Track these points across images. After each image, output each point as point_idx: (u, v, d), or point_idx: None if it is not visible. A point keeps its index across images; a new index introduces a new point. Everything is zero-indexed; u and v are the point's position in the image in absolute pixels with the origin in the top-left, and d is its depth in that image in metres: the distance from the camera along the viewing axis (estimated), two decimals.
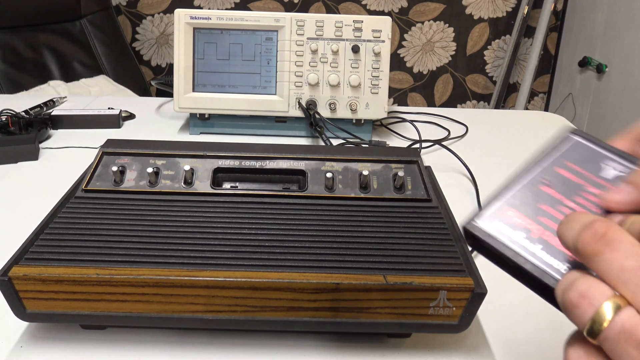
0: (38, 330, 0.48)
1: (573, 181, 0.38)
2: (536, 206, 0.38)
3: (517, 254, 0.35)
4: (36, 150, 0.82)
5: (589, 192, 0.37)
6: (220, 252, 0.46)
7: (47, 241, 0.46)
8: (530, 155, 0.39)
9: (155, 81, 1.05)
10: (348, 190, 0.55)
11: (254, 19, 0.86)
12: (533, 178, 0.40)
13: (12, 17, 1.64)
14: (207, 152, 0.57)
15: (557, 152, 0.40)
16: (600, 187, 0.37)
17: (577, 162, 0.39)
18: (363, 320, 0.44)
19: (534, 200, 0.38)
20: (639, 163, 0.36)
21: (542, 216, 0.37)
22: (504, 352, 0.48)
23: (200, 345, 0.47)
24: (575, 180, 0.38)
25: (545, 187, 0.39)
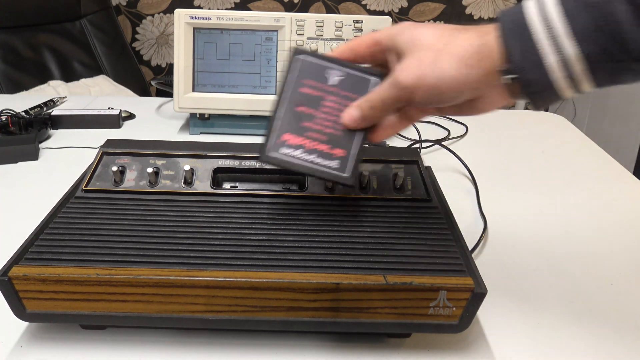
0: (38, 330, 0.48)
1: (314, 95, 0.48)
2: (299, 125, 0.48)
3: (305, 167, 0.46)
4: (36, 150, 0.82)
5: (329, 100, 0.47)
6: (220, 252, 0.46)
7: (47, 241, 0.46)
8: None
9: (155, 81, 1.05)
10: (348, 190, 0.55)
11: (254, 19, 0.86)
12: (288, 103, 0.48)
13: (12, 17, 1.64)
14: (207, 152, 0.57)
15: (294, 74, 0.48)
16: (333, 94, 0.48)
17: (310, 78, 0.48)
18: (363, 320, 0.44)
19: (296, 121, 0.48)
20: (351, 65, 0.48)
21: (307, 131, 0.47)
22: (504, 352, 0.48)
23: (200, 345, 0.47)
24: (316, 94, 0.48)
25: (299, 107, 0.48)
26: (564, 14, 0.37)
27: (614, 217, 0.70)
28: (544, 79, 0.38)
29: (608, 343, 0.49)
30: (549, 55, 0.37)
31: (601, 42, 0.36)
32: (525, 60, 0.38)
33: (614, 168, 0.85)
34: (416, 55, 0.41)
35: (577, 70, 0.37)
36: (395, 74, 0.42)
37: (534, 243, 0.64)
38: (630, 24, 0.35)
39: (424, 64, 0.41)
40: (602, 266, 0.60)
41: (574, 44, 0.36)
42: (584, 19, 0.36)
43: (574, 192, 0.77)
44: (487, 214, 0.69)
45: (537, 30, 0.38)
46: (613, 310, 0.53)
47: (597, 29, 0.36)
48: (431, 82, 0.40)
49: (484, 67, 0.39)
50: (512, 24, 0.39)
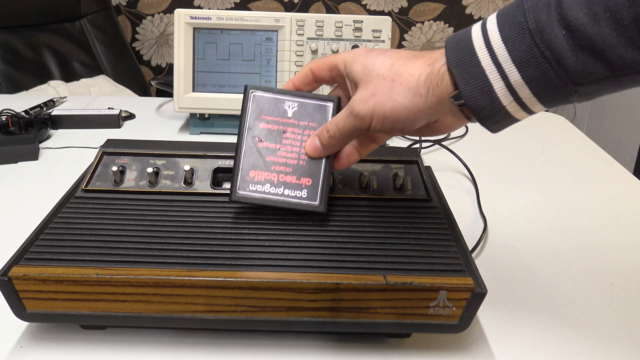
0: (38, 330, 0.48)
1: (274, 129, 0.49)
2: (264, 161, 0.49)
3: (275, 200, 0.49)
4: (36, 150, 0.82)
5: (289, 132, 0.49)
6: (220, 252, 0.46)
7: (47, 241, 0.46)
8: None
9: (155, 81, 1.05)
10: (348, 190, 0.55)
11: (254, 19, 0.86)
12: (250, 141, 0.49)
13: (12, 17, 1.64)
14: (207, 152, 0.57)
15: (252, 111, 0.50)
16: (292, 125, 0.49)
17: (268, 113, 0.49)
18: (363, 320, 0.44)
19: (261, 157, 0.49)
20: (304, 94, 0.49)
21: (272, 165, 0.48)
22: (504, 352, 0.48)
23: (200, 345, 0.47)
24: (275, 128, 0.49)
25: (261, 144, 0.49)
26: (504, 40, 0.37)
27: (613, 217, 0.70)
28: (494, 104, 0.39)
29: (608, 343, 0.49)
30: (495, 82, 0.38)
31: (541, 68, 0.36)
32: (473, 88, 0.39)
33: (614, 168, 0.85)
34: (371, 86, 0.42)
35: (525, 95, 0.38)
36: (352, 104, 0.43)
37: (534, 243, 0.64)
38: (567, 50, 0.35)
39: (378, 95, 0.41)
40: (602, 266, 0.60)
41: (516, 70, 0.37)
42: (523, 45, 0.36)
43: (574, 192, 0.77)
44: (487, 214, 0.69)
45: (481, 57, 0.38)
46: (613, 310, 0.53)
47: (536, 55, 0.36)
48: (386, 113, 0.41)
49: (435, 95, 0.40)
50: (458, 50, 0.39)
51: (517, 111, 0.39)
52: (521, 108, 0.39)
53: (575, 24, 0.34)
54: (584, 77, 0.35)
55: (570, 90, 0.37)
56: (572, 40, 0.34)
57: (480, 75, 0.38)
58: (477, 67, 0.38)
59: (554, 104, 0.39)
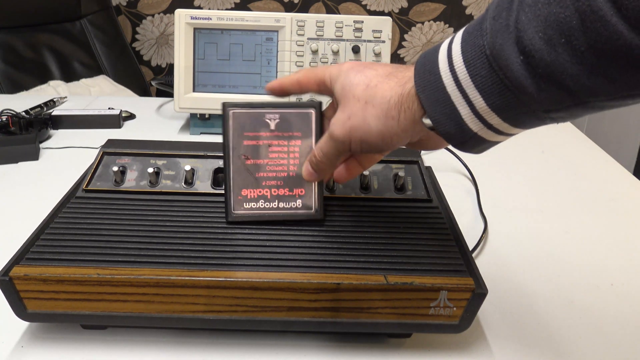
0: (39, 330, 0.48)
1: (259, 145, 0.49)
2: (254, 177, 0.49)
3: (272, 215, 0.49)
4: (36, 150, 0.82)
5: (274, 145, 0.49)
6: (221, 252, 0.46)
7: (47, 241, 0.46)
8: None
9: (155, 81, 1.05)
10: (348, 190, 0.55)
11: (254, 19, 0.86)
12: (236, 160, 0.49)
13: (12, 17, 1.64)
14: (207, 152, 0.57)
15: (233, 129, 0.49)
16: (277, 138, 0.49)
17: (250, 129, 0.48)
18: (363, 320, 0.44)
19: (250, 174, 0.49)
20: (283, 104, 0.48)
21: (263, 180, 0.48)
22: (504, 352, 0.48)
23: (200, 345, 0.47)
24: (260, 143, 0.49)
25: (248, 161, 0.49)
26: (466, 64, 0.34)
27: (614, 217, 0.70)
28: (463, 131, 0.36)
29: (608, 343, 0.49)
30: (461, 108, 0.35)
31: (504, 96, 0.33)
32: (440, 114, 0.36)
33: (614, 168, 0.86)
34: (347, 109, 0.41)
35: (494, 121, 0.35)
36: (331, 127, 0.43)
37: (534, 243, 0.64)
38: (526, 78, 0.32)
39: (353, 119, 0.41)
40: (602, 266, 0.60)
41: (480, 97, 0.34)
42: (483, 71, 0.34)
43: (574, 192, 0.77)
44: (487, 214, 0.69)
45: (446, 81, 0.36)
46: (613, 310, 0.53)
47: (497, 83, 0.33)
48: (362, 137, 0.41)
49: (407, 118, 0.38)
50: (426, 73, 0.37)
51: (492, 136, 0.37)
52: (495, 133, 0.36)
53: (531, 49, 0.31)
54: (551, 104, 0.33)
55: (541, 117, 0.34)
56: (530, 67, 0.31)
57: (446, 100, 0.36)
58: (443, 92, 0.36)
59: (530, 126, 0.36)
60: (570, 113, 0.33)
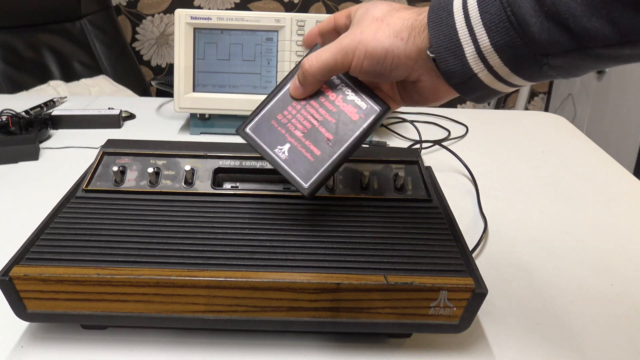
0: (39, 330, 0.48)
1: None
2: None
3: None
4: (36, 150, 0.82)
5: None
6: (221, 252, 0.46)
7: (47, 241, 0.46)
8: None
9: (155, 81, 1.05)
10: (348, 190, 0.55)
11: (254, 19, 0.86)
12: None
13: (12, 17, 1.64)
14: (207, 152, 0.57)
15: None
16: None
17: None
18: (363, 320, 0.44)
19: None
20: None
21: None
22: (504, 352, 0.48)
23: (200, 345, 0.47)
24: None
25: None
26: (478, 2, 0.36)
27: (614, 217, 0.71)
28: (465, 70, 0.37)
29: (608, 343, 0.49)
30: (466, 46, 0.36)
31: (508, 35, 0.35)
32: (445, 50, 0.37)
33: (614, 168, 0.86)
34: (362, 24, 0.42)
35: (495, 63, 0.36)
36: (340, 39, 0.43)
37: (534, 243, 0.64)
38: (532, 16, 0.33)
39: (365, 32, 0.41)
40: (602, 266, 0.60)
41: (486, 35, 0.35)
42: (493, 8, 0.35)
43: (574, 192, 0.77)
44: (487, 214, 0.69)
45: (457, 18, 0.37)
46: (613, 310, 0.53)
47: (504, 20, 0.34)
48: (367, 50, 0.41)
49: (415, 43, 0.39)
50: (439, 8, 0.38)
51: (493, 82, 0.38)
52: (495, 78, 0.37)
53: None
54: (550, 47, 0.34)
55: (540, 62, 0.35)
56: (538, 5, 0.33)
57: (453, 37, 0.37)
58: (452, 28, 0.37)
59: (527, 77, 0.37)
60: (568, 61, 0.34)
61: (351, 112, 0.47)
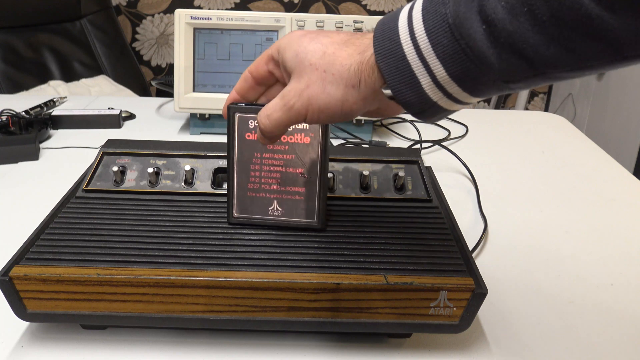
0: (39, 330, 0.48)
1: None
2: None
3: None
4: (36, 150, 0.82)
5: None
6: (221, 252, 0.46)
7: (47, 241, 0.46)
8: None
9: (155, 81, 1.05)
10: (348, 190, 0.55)
11: (254, 19, 0.86)
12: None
13: (12, 17, 1.64)
14: (207, 152, 0.57)
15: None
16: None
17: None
18: (363, 320, 0.44)
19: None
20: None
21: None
22: (504, 352, 0.48)
23: (200, 345, 0.47)
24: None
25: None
26: (427, 32, 0.34)
27: (614, 217, 0.70)
28: (423, 100, 0.36)
29: (608, 343, 0.49)
30: (422, 77, 0.35)
31: (465, 66, 0.34)
32: (400, 83, 0.36)
33: (614, 168, 0.86)
34: (304, 76, 0.39)
35: (454, 90, 0.35)
36: (286, 96, 0.40)
37: (534, 243, 0.64)
38: (488, 47, 0.32)
39: (311, 88, 0.39)
40: (602, 266, 0.60)
41: (441, 66, 0.34)
42: (445, 39, 0.34)
43: (574, 192, 0.77)
44: (487, 214, 0.69)
45: (406, 49, 0.35)
46: (613, 310, 0.53)
47: (458, 52, 0.33)
48: (321, 107, 0.39)
49: (368, 86, 0.38)
50: (386, 40, 0.36)
51: (451, 105, 0.37)
52: (454, 102, 0.36)
53: (493, 18, 0.31)
54: (510, 75, 0.33)
55: (501, 87, 0.34)
56: (492, 36, 0.32)
57: (406, 69, 0.35)
58: (403, 60, 0.35)
59: (487, 96, 0.36)
60: (528, 84, 0.34)
61: (300, 139, 0.48)
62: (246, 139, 0.48)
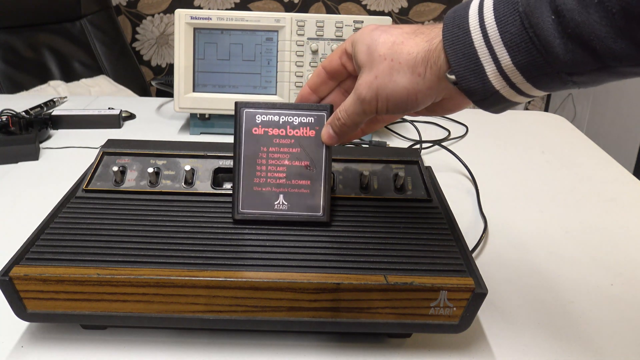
0: (39, 330, 0.48)
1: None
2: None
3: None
4: (36, 150, 0.82)
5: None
6: (221, 252, 0.46)
7: (47, 241, 0.46)
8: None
9: (155, 81, 1.05)
10: (349, 190, 0.55)
11: (255, 19, 0.86)
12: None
13: (12, 17, 1.64)
14: (207, 152, 0.57)
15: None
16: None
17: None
18: (363, 320, 0.44)
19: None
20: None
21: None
22: (504, 352, 0.48)
23: (200, 345, 0.47)
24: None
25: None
26: (497, 20, 0.35)
27: (614, 217, 0.71)
28: (486, 88, 0.37)
29: (608, 343, 0.49)
30: (487, 64, 0.36)
31: (531, 55, 0.34)
32: (465, 69, 0.37)
33: (614, 168, 0.86)
34: (373, 68, 0.41)
35: (517, 80, 0.36)
36: (357, 89, 0.42)
37: (534, 243, 0.64)
38: (555, 37, 0.32)
39: (380, 77, 0.40)
40: (602, 266, 0.60)
41: (507, 54, 0.35)
42: (514, 28, 0.34)
43: (574, 192, 0.77)
44: (487, 214, 0.69)
45: (475, 37, 0.36)
46: (613, 310, 0.53)
47: (526, 40, 0.34)
48: (388, 95, 0.40)
49: (433, 73, 0.39)
50: (455, 27, 0.37)
51: (513, 95, 0.37)
52: (516, 92, 0.37)
53: (563, 8, 0.32)
54: (575, 67, 0.33)
55: (564, 79, 0.35)
56: (560, 26, 0.32)
57: (472, 56, 0.36)
58: (470, 47, 0.36)
59: (549, 90, 0.36)
60: (593, 78, 0.34)
61: (306, 132, 0.49)
62: (253, 134, 0.49)
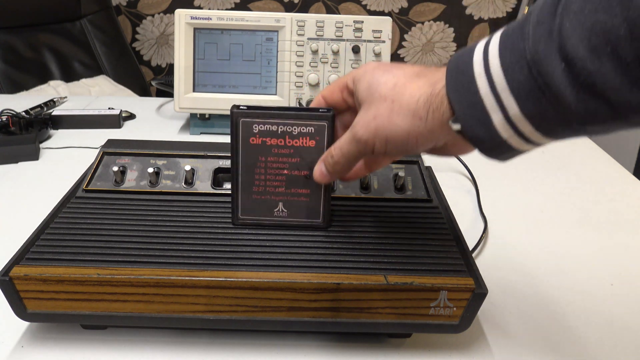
0: (39, 330, 0.48)
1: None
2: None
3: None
4: (37, 150, 0.82)
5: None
6: (221, 252, 0.46)
7: (48, 241, 0.46)
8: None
9: (155, 81, 1.05)
10: (349, 190, 0.55)
11: (255, 19, 0.86)
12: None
13: (12, 17, 1.64)
14: (207, 152, 0.57)
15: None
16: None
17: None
18: (363, 320, 0.44)
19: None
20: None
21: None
22: (504, 352, 0.48)
23: (200, 345, 0.47)
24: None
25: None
26: (503, 68, 0.33)
27: (614, 217, 0.71)
28: (493, 137, 0.35)
29: (608, 343, 0.49)
30: (493, 113, 0.34)
31: (540, 104, 0.32)
32: (471, 118, 0.35)
33: (614, 168, 0.86)
34: (373, 107, 0.40)
35: (526, 130, 0.34)
36: (354, 128, 0.41)
37: (534, 243, 0.64)
38: (566, 87, 0.30)
39: (379, 118, 0.39)
40: (602, 266, 0.60)
41: (515, 103, 0.33)
42: (521, 76, 0.32)
43: (574, 192, 0.77)
44: (487, 214, 0.69)
45: (480, 84, 0.34)
46: (613, 311, 0.53)
47: (534, 89, 0.32)
48: (387, 137, 0.39)
49: (435, 118, 0.37)
50: (459, 74, 0.35)
51: (521, 144, 0.36)
52: (525, 142, 0.35)
53: (574, 57, 0.30)
54: (588, 118, 0.31)
55: (576, 129, 0.32)
56: (571, 75, 0.30)
57: (478, 104, 0.34)
58: (475, 95, 0.34)
59: (561, 139, 0.35)
60: (606, 127, 0.32)
61: (306, 142, 0.48)
62: (250, 143, 0.48)
